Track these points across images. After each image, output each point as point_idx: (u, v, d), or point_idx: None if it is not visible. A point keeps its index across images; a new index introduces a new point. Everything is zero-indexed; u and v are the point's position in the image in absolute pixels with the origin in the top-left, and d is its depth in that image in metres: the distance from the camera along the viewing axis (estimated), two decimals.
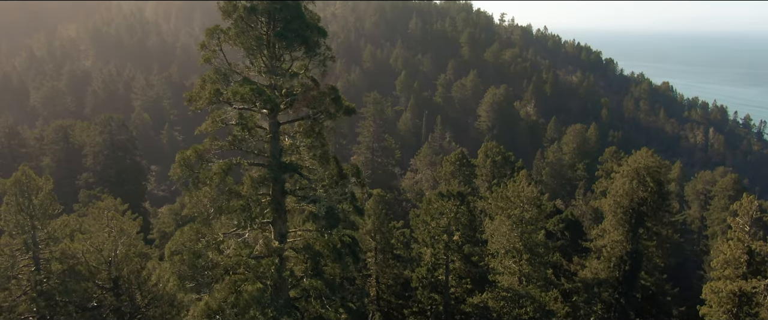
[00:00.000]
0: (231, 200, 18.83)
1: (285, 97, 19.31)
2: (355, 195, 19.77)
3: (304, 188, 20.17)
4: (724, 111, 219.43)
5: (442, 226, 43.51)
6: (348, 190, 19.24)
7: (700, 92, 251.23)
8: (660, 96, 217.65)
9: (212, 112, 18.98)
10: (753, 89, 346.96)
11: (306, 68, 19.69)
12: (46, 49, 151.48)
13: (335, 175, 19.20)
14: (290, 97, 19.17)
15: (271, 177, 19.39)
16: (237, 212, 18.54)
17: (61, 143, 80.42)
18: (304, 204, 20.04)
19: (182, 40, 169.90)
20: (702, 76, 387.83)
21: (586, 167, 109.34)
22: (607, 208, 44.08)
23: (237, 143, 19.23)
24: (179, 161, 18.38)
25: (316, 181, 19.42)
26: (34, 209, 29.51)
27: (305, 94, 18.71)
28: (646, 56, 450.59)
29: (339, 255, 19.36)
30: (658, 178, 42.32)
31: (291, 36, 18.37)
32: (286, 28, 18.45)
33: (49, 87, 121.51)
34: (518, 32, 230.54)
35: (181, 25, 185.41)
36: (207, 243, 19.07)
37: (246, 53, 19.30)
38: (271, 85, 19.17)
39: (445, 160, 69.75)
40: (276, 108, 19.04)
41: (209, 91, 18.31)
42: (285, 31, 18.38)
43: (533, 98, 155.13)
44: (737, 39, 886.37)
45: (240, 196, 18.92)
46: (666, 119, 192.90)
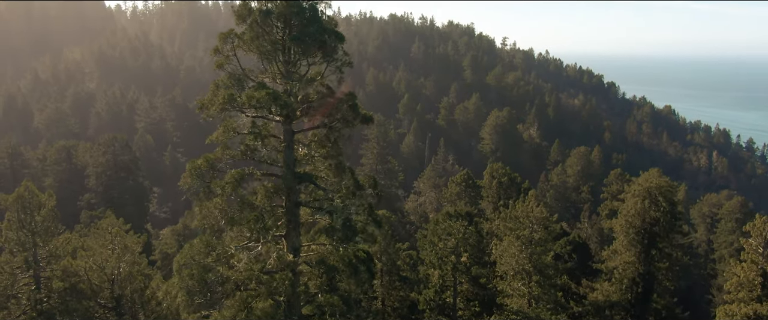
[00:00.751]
0: (243, 210, 18.17)
1: (301, 103, 18.81)
2: (373, 206, 19.13)
3: (319, 200, 19.53)
4: (727, 134, 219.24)
5: (449, 247, 42.72)
6: (365, 201, 18.60)
7: (701, 116, 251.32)
8: (662, 119, 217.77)
9: (225, 120, 18.43)
10: (754, 113, 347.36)
11: (322, 75, 19.20)
12: (51, 71, 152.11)
13: (351, 186, 18.59)
14: (306, 103, 18.67)
15: (285, 188, 18.76)
16: (250, 224, 17.82)
17: (64, 164, 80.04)
18: (319, 216, 19.37)
19: (186, 63, 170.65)
20: (703, 100, 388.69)
21: (590, 190, 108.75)
22: (618, 228, 43.34)
23: (249, 152, 18.65)
24: (190, 170, 17.80)
25: (332, 191, 18.79)
26: (36, 225, 28.90)
27: (322, 100, 18.19)
28: (646, 80, 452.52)
29: (355, 270, 18.65)
30: (671, 198, 41.69)
31: (308, 40, 17.93)
32: (303, 33, 18.02)
33: (53, 109, 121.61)
34: (520, 56, 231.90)
35: (185, 49, 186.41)
36: (217, 256, 18.36)
37: (260, 58, 18.85)
38: (286, 91, 18.68)
39: (450, 181, 69.22)
40: (292, 114, 18.50)
41: (223, 96, 17.81)
42: (302, 35, 17.95)
43: (536, 121, 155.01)
44: (736, 63, 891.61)
45: (253, 207, 18.27)
46: (669, 142, 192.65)
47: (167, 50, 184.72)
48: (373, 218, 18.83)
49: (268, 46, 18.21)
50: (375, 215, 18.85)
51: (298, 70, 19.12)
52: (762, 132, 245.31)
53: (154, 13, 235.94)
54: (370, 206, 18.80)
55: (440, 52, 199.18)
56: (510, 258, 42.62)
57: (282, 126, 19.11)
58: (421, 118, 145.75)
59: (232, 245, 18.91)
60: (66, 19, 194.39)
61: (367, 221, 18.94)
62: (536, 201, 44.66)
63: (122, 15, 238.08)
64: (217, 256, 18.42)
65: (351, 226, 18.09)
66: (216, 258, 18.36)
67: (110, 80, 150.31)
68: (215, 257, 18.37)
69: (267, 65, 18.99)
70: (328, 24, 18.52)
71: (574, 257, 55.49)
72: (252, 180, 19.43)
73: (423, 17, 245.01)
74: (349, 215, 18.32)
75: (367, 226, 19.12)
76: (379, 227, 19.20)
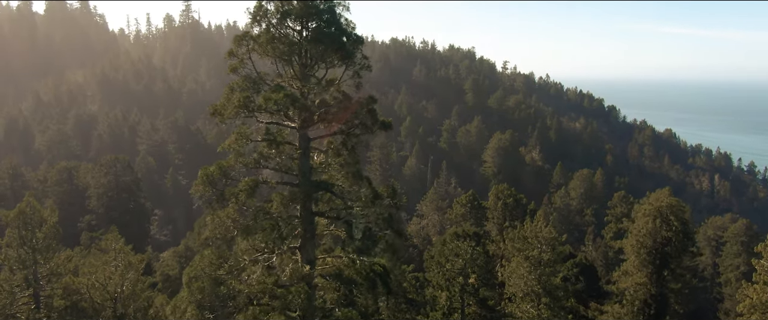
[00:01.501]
0: (258, 219, 17.49)
1: (318, 108, 18.28)
2: (393, 216, 18.45)
3: (336, 209, 18.87)
4: (728, 158, 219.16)
5: (457, 268, 41.94)
6: (384, 210, 17.93)
7: (701, 139, 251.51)
8: (663, 143, 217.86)
9: (238, 126, 17.88)
10: (753, 137, 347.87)
11: (340, 79, 18.70)
12: (53, 93, 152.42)
13: (369, 195, 17.96)
14: (323, 108, 18.14)
15: (300, 197, 18.12)
16: (266, 233, 17.13)
17: (65, 185, 79.45)
18: (335, 227, 18.67)
19: (188, 85, 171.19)
20: (702, 124, 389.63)
21: (594, 213, 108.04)
22: (629, 249, 42.57)
23: (263, 160, 18.05)
24: (202, 178, 17.19)
25: (351, 200, 18.13)
26: (37, 242, 28.21)
27: (340, 105, 17.66)
28: (646, 104, 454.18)
29: (373, 284, 17.91)
30: (682, 217, 41.00)
31: (327, 42, 17.46)
32: (322, 34, 17.58)
33: (55, 130, 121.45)
34: (521, 80, 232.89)
35: (188, 72, 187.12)
36: (229, 268, 17.61)
37: (275, 62, 18.37)
38: (303, 94, 18.19)
39: (455, 202, 68.54)
40: (309, 119, 17.96)
41: (238, 99, 17.27)
42: (320, 37, 17.49)
43: (538, 144, 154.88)
44: (733, 87, 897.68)
45: (269, 215, 17.60)
46: (670, 165, 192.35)
47: (170, 73, 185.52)
48: (393, 228, 18.16)
49: (285, 48, 17.73)
50: (394, 225, 18.19)
51: (315, 74, 18.65)
52: (762, 156, 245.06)
53: (157, 37, 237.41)
54: (389, 216, 18.15)
55: (441, 75, 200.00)
56: (518, 279, 41.75)
57: (297, 132, 18.54)
58: (423, 141, 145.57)
59: (245, 256, 18.15)
60: (70, 42, 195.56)
61: (386, 231, 18.26)
62: (545, 221, 43.99)
63: (125, 39, 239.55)
64: (229, 268, 17.66)
65: (371, 235, 17.40)
66: (228, 271, 17.62)
67: (112, 102, 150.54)
68: (227, 269, 17.63)
69: (283, 68, 18.49)
70: (347, 26, 18.11)
71: (581, 279, 54.60)
72: (266, 189, 18.79)
73: (424, 41, 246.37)
74: (368, 225, 17.63)
75: (387, 236, 18.43)
76: (400, 237, 18.49)
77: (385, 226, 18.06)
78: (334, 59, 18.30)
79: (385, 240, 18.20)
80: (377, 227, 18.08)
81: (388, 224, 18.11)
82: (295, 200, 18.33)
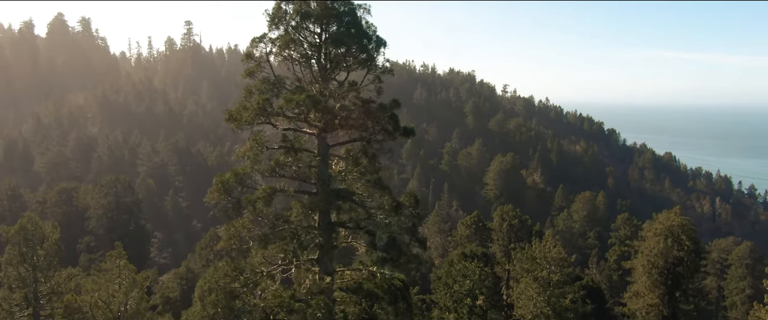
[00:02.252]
0: (277, 228, 16.78)
1: (339, 112, 17.69)
2: (416, 226, 17.76)
3: (357, 219, 18.16)
4: (729, 181, 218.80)
5: (465, 289, 41.10)
6: (408, 220, 17.24)
7: (701, 163, 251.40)
8: (663, 166, 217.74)
9: (253, 133, 17.28)
10: (752, 161, 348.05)
11: (361, 82, 18.15)
12: (54, 116, 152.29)
13: (390, 204, 17.30)
14: (345, 112, 17.56)
15: (318, 206, 17.42)
16: (285, 242, 16.41)
17: (65, 206, 78.63)
18: (353, 239, 17.92)
19: (189, 108, 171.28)
20: (698, 148, 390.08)
21: (597, 235, 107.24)
22: (640, 269, 41.78)
23: (279, 168, 17.41)
24: (217, 185, 16.54)
25: (373, 208, 17.43)
26: (38, 259, 27.45)
27: (361, 110, 17.09)
28: (645, 128, 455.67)
29: (394, 298, 17.14)
30: (694, 236, 40.32)
31: (349, 42, 16.96)
32: (344, 34, 17.11)
33: (55, 152, 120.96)
34: (521, 103, 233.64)
35: (189, 95, 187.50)
36: (245, 281, 16.83)
37: (293, 65, 17.82)
38: (324, 97, 17.63)
39: (460, 224, 67.79)
40: (330, 123, 17.38)
41: (257, 102, 16.69)
42: (343, 37, 16.99)
43: (539, 167, 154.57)
44: (732, 112, 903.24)
45: (288, 223, 16.89)
46: (671, 188, 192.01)
47: (171, 96, 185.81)
48: (417, 238, 17.46)
49: (305, 49, 17.23)
50: (418, 235, 17.48)
51: (336, 77, 18.14)
52: (761, 179, 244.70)
53: (158, 60, 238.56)
54: (413, 226, 17.47)
55: (442, 98, 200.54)
56: (527, 300, 40.88)
57: (316, 139, 17.96)
58: (425, 163, 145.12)
59: (263, 267, 17.34)
60: (71, 65, 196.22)
61: (410, 241, 17.56)
62: (554, 241, 43.30)
63: (126, 62, 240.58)
64: (245, 281, 16.88)
65: (396, 245, 16.67)
66: (243, 283, 16.84)
67: (113, 124, 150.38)
68: (242, 282, 16.84)
69: (301, 72, 17.96)
70: (368, 29, 17.65)
71: (588, 302, 53.68)
72: (282, 198, 18.14)
73: (424, 64, 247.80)
74: (393, 233, 16.90)
75: (411, 247, 17.72)
76: (424, 247, 17.81)
77: (409, 236, 17.40)
78: (356, 62, 17.82)
79: (409, 250, 17.52)
80: (401, 237, 17.40)
81: (412, 234, 17.45)
82: (314, 210, 17.65)
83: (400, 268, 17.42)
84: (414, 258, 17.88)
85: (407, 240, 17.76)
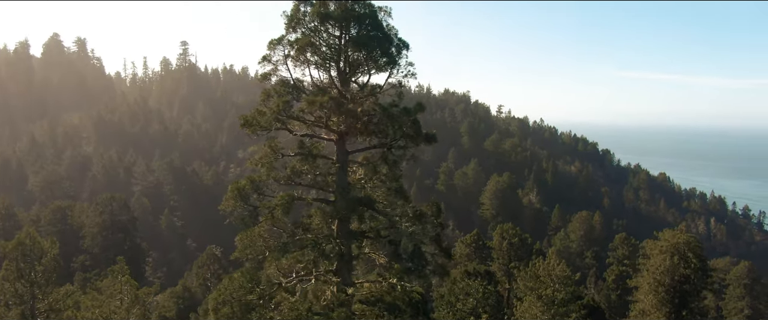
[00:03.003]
0: (296, 236, 16.20)
1: (362, 115, 17.19)
2: (440, 236, 17.24)
3: (377, 228, 17.61)
4: (723, 202, 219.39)
5: (468, 308, 40.57)
6: (432, 229, 16.72)
7: (695, 184, 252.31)
8: (658, 186, 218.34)
9: (268, 139, 16.81)
10: (744, 182, 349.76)
11: (383, 85, 17.74)
12: (49, 135, 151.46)
13: (413, 212, 16.81)
14: (366, 117, 17.06)
15: (337, 215, 16.87)
16: (306, 251, 15.86)
17: (59, 225, 77.60)
18: (371, 249, 17.34)
19: (184, 128, 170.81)
20: (694, 169, 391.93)
21: (594, 255, 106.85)
22: (646, 287, 41.33)
23: (296, 176, 16.90)
24: (232, 192, 16.06)
25: (396, 216, 16.91)
26: (36, 275, 26.80)
27: (385, 112, 16.69)
28: (639, 149, 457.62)
29: (416, 311, 16.57)
30: (700, 254, 40.04)
31: (372, 45, 16.54)
32: (365, 37, 16.70)
33: (49, 171, 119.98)
34: (515, 124, 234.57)
35: (184, 114, 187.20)
36: (261, 292, 16.21)
37: (310, 68, 17.34)
38: (346, 100, 17.19)
39: (459, 242, 67.29)
40: (352, 128, 16.91)
41: (276, 104, 16.21)
42: (364, 39, 16.59)
43: (535, 187, 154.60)
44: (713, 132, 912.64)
45: (309, 231, 16.34)
46: (666, 209, 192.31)
47: (166, 115, 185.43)
48: (442, 247, 16.93)
49: (325, 51, 16.79)
50: (443, 244, 16.99)
51: (356, 81, 17.71)
52: (753, 200, 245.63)
53: (153, 80, 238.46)
54: (437, 236, 16.95)
55: (437, 118, 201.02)
56: (531, 319, 40.35)
57: (335, 145, 17.51)
58: (421, 183, 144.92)
59: (282, 278, 16.72)
60: (66, 85, 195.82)
61: (435, 251, 17.02)
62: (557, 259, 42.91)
63: (122, 82, 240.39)
64: (261, 292, 16.26)
65: (421, 254, 16.12)
66: (259, 295, 16.22)
67: (108, 144, 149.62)
68: (259, 293, 16.23)
69: (319, 75, 17.50)
70: (390, 31, 17.29)
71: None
72: (299, 206, 17.64)
73: (419, 85, 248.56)
74: (418, 243, 16.34)
75: (436, 257, 17.17)
76: (449, 257, 17.30)
77: (434, 246, 16.91)
78: (377, 65, 17.39)
79: (434, 260, 17.01)
80: (426, 246, 16.89)
81: (437, 244, 16.96)
82: (333, 218, 17.09)
83: (426, 279, 16.90)
84: (439, 269, 17.32)
85: (432, 250, 17.27)
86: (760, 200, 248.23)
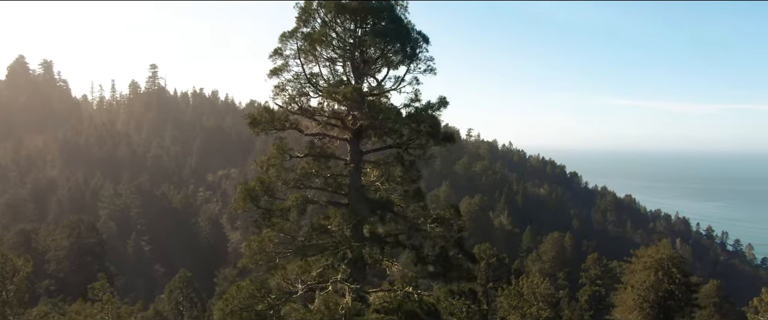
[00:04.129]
0: (312, 239, 15.56)
1: (381, 111, 16.52)
2: (462, 240, 16.84)
3: (395, 233, 17.08)
4: (687, 223, 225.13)
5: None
6: (454, 233, 16.33)
7: (660, 206, 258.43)
8: (625, 208, 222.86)
9: (276, 140, 16.32)
10: (708, 204, 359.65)
11: (400, 80, 17.14)
12: (11, 157, 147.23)
13: (434, 216, 16.43)
14: (384, 113, 16.42)
15: (355, 218, 16.25)
16: (325, 255, 15.32)
17: (22, 248, 74.92)
18: (385, 258, 16.77)
19: (153, 151, 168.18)
20: (659, 191, 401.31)
21: (566, 276, 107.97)
22: (630, 303, 41.82)
23: (306, 178, 16.34)
24: (241, 193, 15.55)
25: (417, 219, 16.42)
26: (8, 295, 25.90)
27: (405, 108, 16.18)
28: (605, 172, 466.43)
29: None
30: (684, 269, 40.94)
31: (391, 36, 15.98)
32: (384, 28, 16.19)
33: (11, 194, 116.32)
34: (485, 147, 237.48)
35: (152, 137, 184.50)
36: (273, 302, 15.51)
37: (321, 64, 16.79)
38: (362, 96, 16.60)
39: None
40: (373, 125, 16.28)
41: (291, 95, 15.60)
42: (383, 30, 16.04)
43: (506, 209, 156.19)
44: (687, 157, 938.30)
45: (328, 233, 15.75)
46: (633, 230, 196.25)
47: (134, 139, 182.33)
48: (464, 251, 16.48)
49: (340, 44, 16.21)
50: (466, 248, 16.57)
51: (375, 76, 17.20)
52: (717, 221, 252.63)
53: (121, 103, 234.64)
54: (459, 239, 16.57)
55: None
56: None
57: (349, 145, 16.92)
58: None
59: (298, 284, 16.03)
60: (31, 108, 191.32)
61: (458, 254, 16.52)
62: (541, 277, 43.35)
63: (89, 105, 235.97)
64: (273, 302, 15.58)
65: (447, 258, 15.63)
66: (271, 305, 15.56)
67: (74, 167, 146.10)
68: (271, 302, 15.55)
69: (333, 70, 16.91)
70: (408, 25, 16.88)
71: None
72: (311, 210, 17.11)
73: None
74: (445, 246, 15.84)
75: (461, 260, 16.67)
76: (474, 262, 16.94)
77: (458, 250, 16.52)
78: (395, 60, 16.78)
79: (459, 264, 16.62)
80: (450, 250, 16.45)
81: (460, 248, 16.58)
82: (350, 221, 16.48)
83: (453, 283, 16.54)
84: (465, 273, 16.83)
85: (455, 254, 16.87)
86: (721, 221, 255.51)
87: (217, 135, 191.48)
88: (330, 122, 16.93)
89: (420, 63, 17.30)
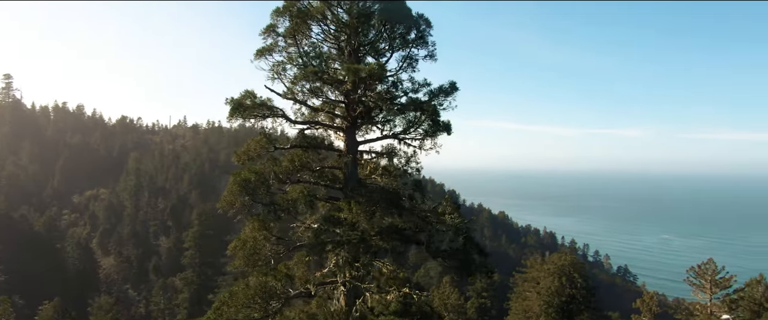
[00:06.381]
0: (321, 235, 13.99)
1: (382, 96, 15.23)
2: (471, 233, 15.98)
3: (401, 228, 15.99)
4: (554, 236, 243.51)
5: None
6: (464, 226, 15.49)
7: (529, 221, 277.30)
8: (500, 224, 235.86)
9: (261, 129, 14.55)
10: (567, 219, 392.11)
11: (398, 67, 15.99)
12: None
13: (444, 209, 15.53)
14: (384, 102, 15.20)
15: (370, 210, 14.99)
16: (340, 250, 13.82)
17: None
18: (384, 260, 15.76)
19: (8, 169, 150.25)
20: (527, 208, 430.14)
21: None
22: (537, 309, 43.59)
23: (296, 170, 14.70)
24: (234, 185, 13.63)
25: (425, 212, 15.50)
26: None
27: (405, 96, 15.16)
28: (480, 190, 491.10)
29: None
30: (584, 273, 43.37)
31: (397, 15, 14.85)
32: (384, 9, 15.01)
33: None
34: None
35: (7, 155, 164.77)
36: (273, 308, 13.73)
37: (313, 45, 15.20)
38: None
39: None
40: (367, 114, 15.04)
41: (303, 74, 13.72)
42: (393, 8, 14.83)
43: None
44: (548, 175, 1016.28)
45: (341, 225, 14.21)
46: (508, 244, 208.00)
47: None
48: (477, 246, 15.66)
49: (336, 25, 14.71)
50: (475, 242, 15.77)
51: (379, 58, 15.79)
52: (578, 234, 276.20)
53: None
54: (467, 232, 15.79)
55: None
56: None
57: (344, 134, 15.55)
58: None
59: (310, 285, 14.33)
60: None
61: (472, 249, 15.65)
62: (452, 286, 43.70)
63: None
64: (273, 309, 13.77)
65: (457, 252, 14.77)
66: (265, 312, 13.73)
67: None
68: (275, 308, 13.73)
69: (335, 47, 15.28)
70: (409, 10, 15.80)
71: None
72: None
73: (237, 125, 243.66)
74: (470, 235, 14.92)
75: (474, 254, 15.80)
76: (486, 256, 16.12)
77: (471, 243, 15.77)
78: (395, 43, 15.64)
79: (473, 257, 15.86)
80: (463, 241, 15.65)
81: (472, 241, 15.85)
82: (368, 214, 15.09)
83: (475, 275, 15.68)
84: (481, 266, 16.05)
85: (472, 249, 16.08)
86: (580, 234, 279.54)
87: (83, 153, 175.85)
88: (324, 108, 15.57)
89: (421, 48, 16.58)
